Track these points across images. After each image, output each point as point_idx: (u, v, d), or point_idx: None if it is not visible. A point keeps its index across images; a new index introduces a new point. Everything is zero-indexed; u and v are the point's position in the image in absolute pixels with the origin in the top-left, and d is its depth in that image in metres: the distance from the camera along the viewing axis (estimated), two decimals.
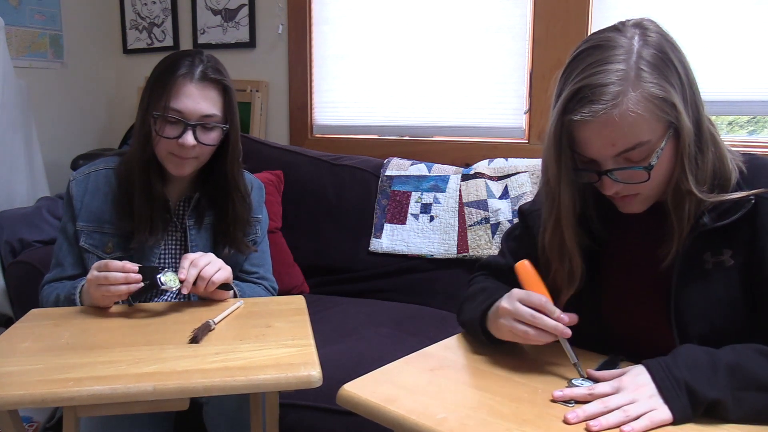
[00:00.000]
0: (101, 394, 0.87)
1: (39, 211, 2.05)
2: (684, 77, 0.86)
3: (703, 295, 0.91)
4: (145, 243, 1.30)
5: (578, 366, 0.89)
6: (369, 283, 2.06)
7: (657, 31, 0.88)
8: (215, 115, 1.28)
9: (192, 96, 1.25)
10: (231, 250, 1.37)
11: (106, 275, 1.15)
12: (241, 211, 1.37)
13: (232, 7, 2.65)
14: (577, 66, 0.87)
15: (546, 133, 0.92)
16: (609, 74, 0.83)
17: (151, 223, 1.30)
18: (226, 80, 1.30)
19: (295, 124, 2.62)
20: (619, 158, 0.87)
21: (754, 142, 1.97)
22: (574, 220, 0.95)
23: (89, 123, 2.93)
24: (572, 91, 0.86)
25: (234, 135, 1.33)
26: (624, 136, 0.84)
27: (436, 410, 0.81)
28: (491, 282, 1.12)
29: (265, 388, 0.94)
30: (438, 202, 2.04)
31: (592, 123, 0.84)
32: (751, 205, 0.87)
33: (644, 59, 0.84)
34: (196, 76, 1.25)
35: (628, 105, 0.83)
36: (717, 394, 0.77)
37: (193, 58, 1.28)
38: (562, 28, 2.09)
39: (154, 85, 1.27)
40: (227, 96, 1.31)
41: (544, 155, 0.95)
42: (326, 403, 1.37)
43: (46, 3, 2.66)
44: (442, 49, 2.33)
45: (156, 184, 1.31)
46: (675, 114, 0.85)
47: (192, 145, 1.25)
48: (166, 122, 1.25)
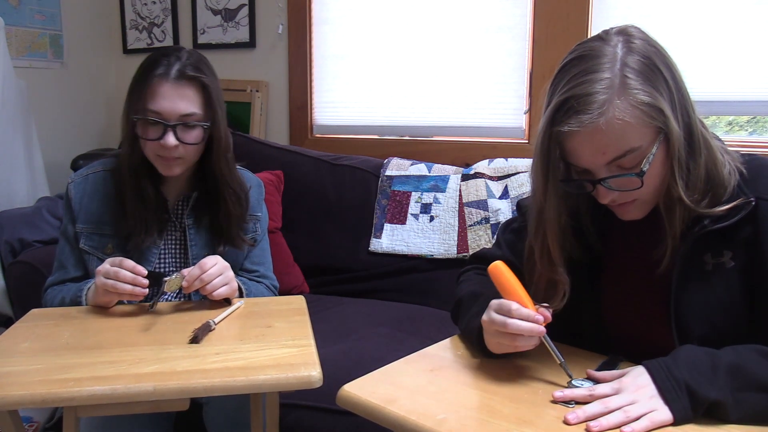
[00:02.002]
0: (101, 394, 0.87)
1: (39, 211, 2.05)
2: (671, 82, 0.86)
3: (704, 297, 0.91)
4: (141, 245, 1.30)
5: (564, 366, 0.88)
6: (369, 283, 2.06)
7: (641, 38, 0.88)
8: (195, 113, 1.26)
9: (169, 96, 1.23)
10: (226, 247, 1.36)
11: (117, 271, 1.16)
12: (234, 209, 1.36)
13: (232, 7, 2.65)
14: (563, 77, 0.88)
15: (534, 144, 0.92)
16: (594, 84, 0.84)
17: (145, 224, 1.30)
18: (204, 77, 1.27)
19: (295, 124, 2.62)
20: (612, 166, 0.87)
21: (754, 142, 1.97)
22: (560, 232, 0.95)
23: (89, 123, 2.92)
24: (559, 102, 0.86)
25: (218, 132, 1.30)
26: (613, 144, 0.85)
27: (435, 411, 0.81)
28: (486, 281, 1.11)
29: (266, 388, 0.94)
30: (438, 202, 2.04)
31: (580, 133, 0.85)
32: (751, 206, 0.87)
33: (629, 66, 0.85)
34: (172, 75, 1.24)
35: (615, 113, 0.83)
36: (717, 395, 0.77)
37: (170, 57, 1.26)
38: (562, 28, 2.09)
39: (133, 88, 1.27)
40: (206, 93, 1.27)
41: (532, 166, 0.95)
42: (326, 403, 1.37)
43: (46, 3, 2.66)
44: (442, 50, 2.33)
45: (147, 187, 1.30)
46: (663, 119, 0.85)
47: (174, 146, 1.24)
48: (147, 124, 1.24)
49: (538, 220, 0.97)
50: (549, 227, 0.95)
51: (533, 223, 0.99)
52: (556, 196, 0.93)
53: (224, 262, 1.23)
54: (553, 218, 0.94)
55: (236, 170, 1.39)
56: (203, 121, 1.27)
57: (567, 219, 0.96)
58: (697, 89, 2.18)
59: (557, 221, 0.95)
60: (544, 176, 0.92)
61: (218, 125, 1.30)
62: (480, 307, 0.99)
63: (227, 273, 1.22)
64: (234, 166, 1.38)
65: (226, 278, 1.22)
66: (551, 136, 0.88)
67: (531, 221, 1.00)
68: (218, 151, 1.32)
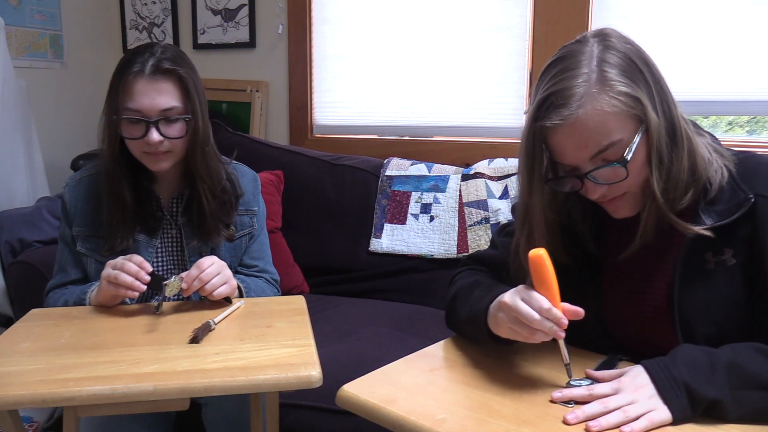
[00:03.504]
0: (101, 394, 0.87)
1: (39, 211, 2.05)
2: (649, 76, 0.88)
3: (707, 295, 0.91)
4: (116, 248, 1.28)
5: (569, 368, 0.88)
6: (369, 283, 2.06)
7: (617, 37, 0.91)
8: (175, 107, 1.25)
9: (146, 93, 1.22)
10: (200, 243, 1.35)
11: (124, 263, 1.17)
12: (208, 204, 1.32)
13: (232, 7, 2.65)
14: (545, 78, 0.91)
15: (520, 143, 0.93)
16: (573, 79, 0.86)
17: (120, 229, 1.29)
18: (180, 70, 1.25)
19: (295, 124, 2.62)
20: (596, 160, 0.88)
21: (754, 142, 1.97)
22: (546, 231, 0.96)
23: (89, 123, 2.92)
24: (540, 99, 0.88)
25: (196, 124, 1.28)
26: (595, 135, 0.86)
27: (435, 411, 0.81)
28: (483, 276, 1.11)
29: (265, 388, 0.94)
30: (438, 202, 2.04)
31: (562, 127, 0.86)
32: (750, 203, 0.88)
33: (606, 61, 0.87)
34: (147, 71, 1.22)
35: (594, 104, 0.85)
36: (716, 394, 0.77)
37: (143, 54, 1.25)
38: (562, 28, 2.09)
39: (111, 89, 1.26)
40: (184, 85, 1.26)
41: (518, 165, 0.96)
42: (326, 403, 1.37)
43: (46, 3, 2.66)
44: (442, 49, 2.33)
45: (124, 190, 1.29)
46: (642, 108, 0.86)
47: (159, 141, 1.23)
48: (129, 123, 1.24)
49: (524, 217, 0.98)
50: (535, 225, 0.96)
51: (519, 222, 1.00)
52: (541, 193, 0.94)
53: (221, 261, 1.23)
54: (538, 216, 0.95)
55: (216, 164, 1.35)
56: (184, 113, 1.26)
57: (553, 216, 0.96)
58: (698, 89, 2.17)
59: (543, 219, 0.95)
60: (529, 174, 0.93)
61: (197, 117, 1.28)
62: (484, 291, 0.98)
63: (225, 272, 1.22)
64: (213, 159, 1.34)
65: (224, 277, 1.21)
66: (535, 133, 0.90)
67: (517, 220, 1.00)
68: (195, 143, 1.29)
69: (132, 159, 1.29)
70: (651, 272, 0.95)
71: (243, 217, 1.41)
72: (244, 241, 1.43)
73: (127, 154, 1.29)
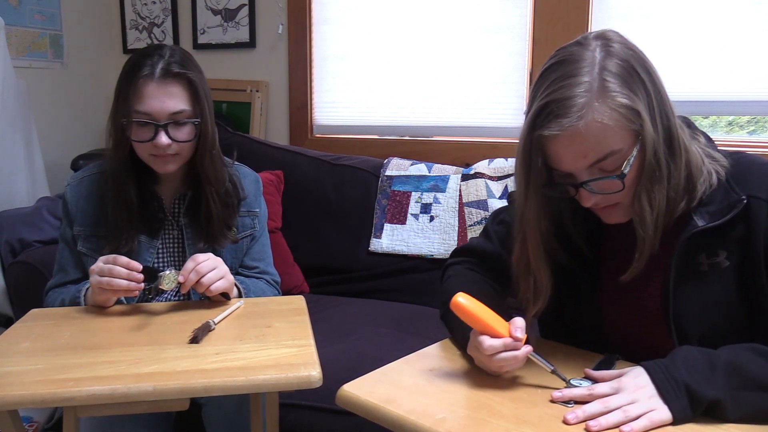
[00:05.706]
0: (101, 394, 0.87)
1: (39, 211, 2.05)
2: (650, 85, 0.87)
3: (701, 297, 0.91)
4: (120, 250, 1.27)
5: (557, 372, 0.88)
6: (369, 283, 2.06)
7: (620, 42, 0.89)
8: (184, 110, 1.25)
9: (156, 96, 1.22)
10: (206, 245, 1.35)
11: (111, 268, 1.16)
12: (214, 206, 1.33)
13: (232, 7, 2.65)
14: (543, 82, 0.88)
15: (516, 150, 0.92)
16: (573, 88, 0.84)
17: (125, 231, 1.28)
18: (190, 73, 1.25)
19: (295, 124, 2.62)
20: (593, 169, 0.87)
21: (754, 142, 1.97)
22: (540, 238, 0.95)
23: (89, 123, 2.92)
24: (539, 107, 0.87)
25: (205, 127, 1.28)
26: (594, 146, 0.85)
27: (435, 410, 0.81)
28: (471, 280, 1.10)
29: (265, 388, 0.94)
30: (438, 202, 2.04)
31: (561, 137, 0.85)
32: (743, 205, 0.88)
33: (607, 70, 0.85)
34: (156, 74, 1.22)
35: (594, 116, 0.83)
36: (716, 394, 0.77)
37: (152, 56, 1.24)
38: (562, 28, 2.09)
39: (119, 92, 1.25)
40: (193, 88, 1.26)
41: (515, 170, 0.95)
42: (326, 403, 1.37)
43: (46, 3, 2.66)
44: (442, 50, 2.33)
45: (130, 192, 1.28)
46: (640, 122, 0.85)
47: (167, 144, 1.23)
48: (137, 126, 1.24)
49: (519, 224, 0.97)
50: (529, 233, 0.95)
51: (515, 228, 0.99)
52: (536, 200, 0.93)
53: (216, 257, 1.23)
54: (533, 223, 0.94)
55: (221, 167, 1.36)
56: (193, 117, 1.26)
57: (548, 225, 0.95)
58: (698, 89, 2.17)
59: (537, 227, 0.95)
60: (525, 181, 0.92)
61: (206, 121, 1.29)
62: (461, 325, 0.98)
63: (221, 267, 1.22)
64: (219, 162, 1.35)
65: (220, 272, 1.21)
66: (533, 141, 0.88)
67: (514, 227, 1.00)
68: (203, 147, 1.30)
69: (137, 160, 1.29)
70: (646, 274, 0.95)
71: (245, 219, 1.41)
72: (246, 243, 1.42)
73: (132, 155, 1.29)
